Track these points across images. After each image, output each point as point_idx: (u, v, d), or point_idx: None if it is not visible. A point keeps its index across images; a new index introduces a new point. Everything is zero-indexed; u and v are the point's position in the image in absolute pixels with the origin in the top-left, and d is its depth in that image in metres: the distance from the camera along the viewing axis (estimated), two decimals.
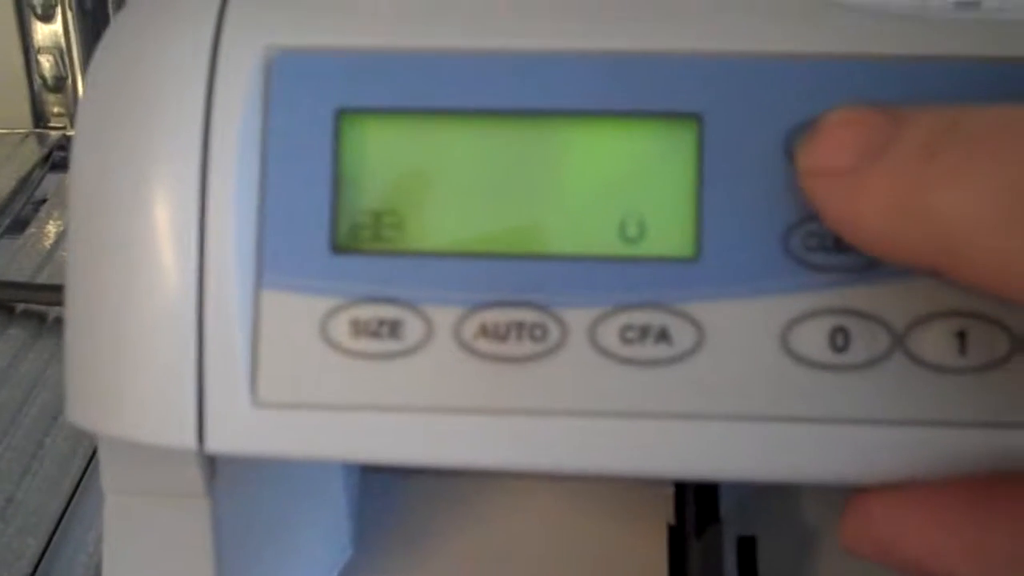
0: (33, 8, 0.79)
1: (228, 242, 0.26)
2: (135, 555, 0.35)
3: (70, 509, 0.51)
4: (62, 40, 0.80)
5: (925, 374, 0.26)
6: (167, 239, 0.26)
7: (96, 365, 0.27)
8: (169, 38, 0.27)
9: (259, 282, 0.26)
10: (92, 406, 0.27)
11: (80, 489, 0.51)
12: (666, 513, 0.41)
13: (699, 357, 0.26)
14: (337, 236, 0.26)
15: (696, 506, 0.39)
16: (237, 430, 0.26)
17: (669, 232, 0.26)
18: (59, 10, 0.80)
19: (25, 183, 0.76)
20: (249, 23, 0.27)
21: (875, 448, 0.26)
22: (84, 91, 0.28)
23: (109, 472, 0.33)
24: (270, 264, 0.26)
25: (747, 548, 0.41)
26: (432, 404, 0.26)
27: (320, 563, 0.40)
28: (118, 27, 0.29)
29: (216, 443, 0.26)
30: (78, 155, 0.28)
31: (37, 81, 0.82)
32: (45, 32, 0.80)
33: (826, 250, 0.26)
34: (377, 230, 0.26)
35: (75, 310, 0.28)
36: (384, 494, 0.42)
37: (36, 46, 0.81)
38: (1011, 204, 0.21)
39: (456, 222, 0.26)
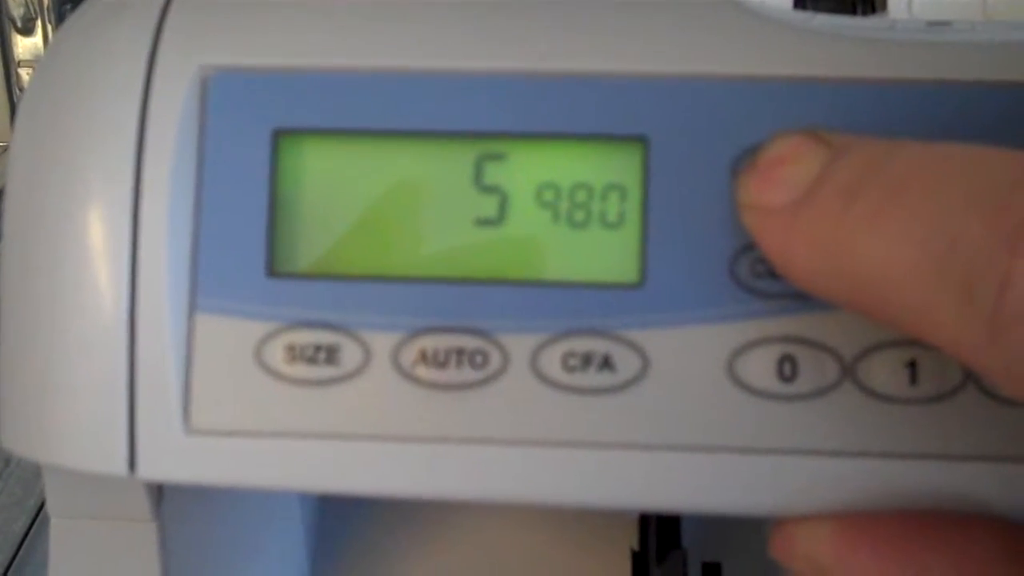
0: (13, 22, 0.79)
1: (161, 264, 0.25)
2: None
3: (34, 528, 0.50)
4: (42, 53, 0.79)
5: (875, 404, 0.25)
6: (99, 261, 0.26)
7: (26, 389, 0.26)
8: (105, 57, 0.26)
9: (193, 305, 0.26)
10: (23, 431, 0.27)
11: (44, 509, 0.51)
12: (629, 538, 0.40)
13: (643, 385, 0.25)
14: (273, 260, 0.26)
15: (658, 532, 0.38)
16: (169, 457, 0.26)
17: (613, 257, 0.26)
18: (39, 23, 0.79)
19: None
20: (185, 42, 0.26)
21: (823, 479, 0.25)
22: (20, 109, 0.28)
23: (53, 495, 0.33)
24: (204, 287, 0.26)
25: (711, 574, 0.40)
26: (370, 432, 0.25)
27: None
28: (56, 46, 0.28)
29: (148, 470, 0.26)
30: (12, 173, 0.27)
31: (17, 94, 0.81)
32: (25, 45, 0.80)
33: (773, 277, 0.25)
34: (314, 254, 0.26)
35: (6, 332, 0.27)
36: (343, 519, 0.41)
37: (16, 59, 0.81)
38: (927, 254, 0.21)
39: (395, 246, 0.26)
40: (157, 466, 0.26)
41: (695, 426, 0.25)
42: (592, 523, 0.41)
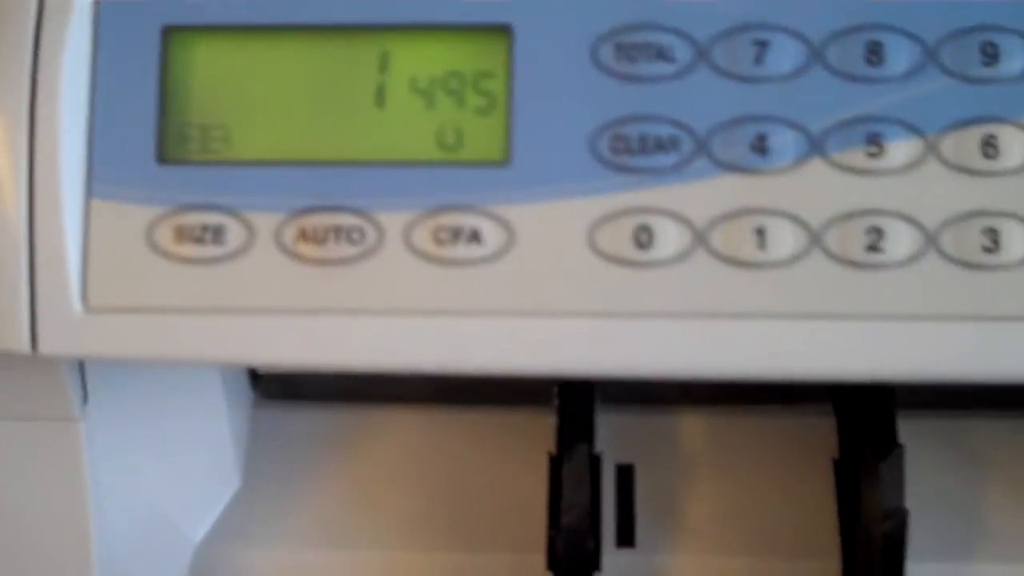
0: None
1: (57, 154, 0.27)
2: (11, 479, 0.36)
3: None
4: None
5: (727, 269, 0.27)
6: None
7: None
8: None
9: (88, 192, 0.27)
10: None
11: None
12: (548, 443, 0.42)
13: (510, 256, 0.27)
14: (163, 147, 0.28)
15: (570, 433, 0.39)
16: (68, 334, 0.27)
17: (483, 138, 0.27)
18: None
19: None
20: None
21: (678, 341, 0.27)
22: None
23: None
24: (98, 174, 0.27)
25: (625, 477, 0.42)
26: (255, 305, 0.27)
27: (207, 492, 0.41)
28: None
29: (48, 346, 0.27)
30: None
31: None
32: None
33: (631, 152, 0.27)
34: (202, 141, 0.27)
35: None
36: (273, 427, 0.43)
37: None
38: None
39: (278, 132, 0.27)
40: (57, 343, 0.27)
41: (559, 293, 0.27)
42: (510, 426, 0.43)
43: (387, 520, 0.41)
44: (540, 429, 0.41)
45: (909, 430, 0.39)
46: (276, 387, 0.43)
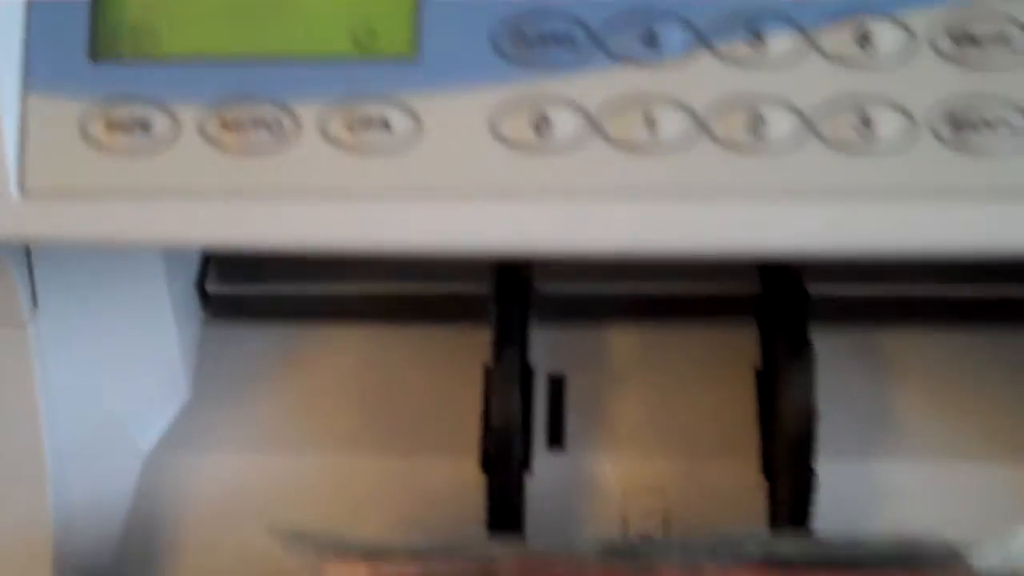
0: None
1: None
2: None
3: None
4: None
5: (620, 153, 0.29)
6: None
7: None
8: None
9: (25, 86, 0.29)
10: None
11: None
12: (484, 357, 0.43)
13: (417, 143, 0.29)
14: (95, 45, 0.30)
15: (503, 343, 0.41)
16: (8, 218, 0.29)
17: (393, 34, 0.29)
18: None
19: None
20: None
21: (575, 220, 0.29)
22: None
23: None
24: (34, 70, 0.29)
25: (556, 385, 0.44)
26: (182, 190, 0.29)
27: (156, 404, 0.43)
28: None
29: None
30: None
31: None
32: None
33: (530, 46, 0.29)
34: (132, 38, 0.29)
35: None
36: (221, 345, 0.45)
37: None
38: None
39: (202, 30, 0.29)
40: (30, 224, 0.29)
41: (464, 176, 0.29)
42: (451, 343, 0.45)
43: (330, 428, 0.43)
44: (478, 344, 0.43)
45: (828, 343, 0.41)
46: (225, 307, 0.45)
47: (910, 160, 0.28)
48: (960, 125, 0.28)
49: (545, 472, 0.42)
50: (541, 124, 0.29)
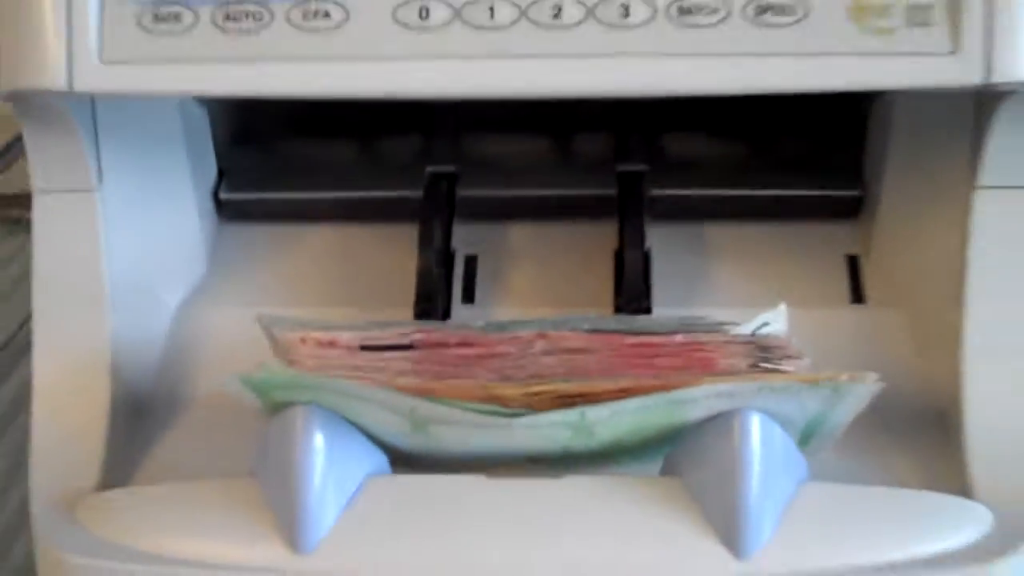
0: None
1: None
2: (56, 244, 0.54)
3: None
4: None
5: (487, 33, 0.46)
6: None
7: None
8: None
9: None
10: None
11: None
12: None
13: (348, 25, 0.46)
14: None
15: (429, 233, 0.58)
16: (94, 79, 0.46)
17: None
18: None
19: None
20: None
21: (460, 75, 0.45)
22: None
23: (34, 175, 0.53)
24: None
25: (471, 263, 0.60)
26: (200, 58, 0.46)
27: (180, 273, 0.59)
28: None
29: (79, 86, 0.46)
30: None
31: None
32: None
33: None
34: None
35: None
36: (231, 239, 0.62)
37: None
38: None
39: None
40: (85, 84, 0.46)
41: (379, 46, 0.46)
42: (394, 235, 0.61)
43: (309, 291, 0.59)
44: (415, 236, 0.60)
45: (663, 234, 0.58)
46: (232, 211, 0.62)
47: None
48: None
49: (459, 318, 0.58)
50: (423, 12, 0.46)
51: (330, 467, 0.46)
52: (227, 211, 0.61)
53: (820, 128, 0.60)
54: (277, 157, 0.62)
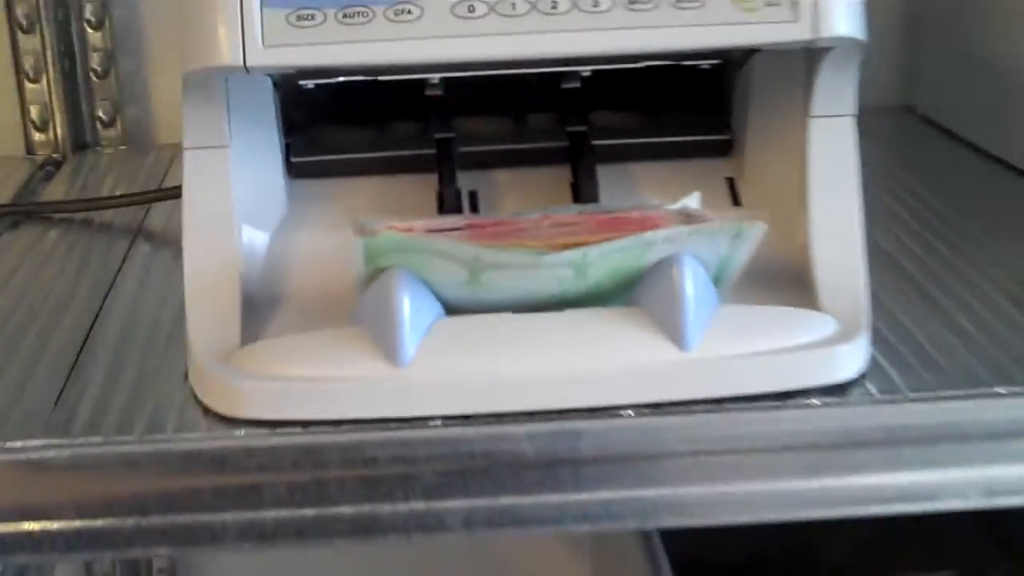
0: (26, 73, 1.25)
1: None
2: (202, 187, 0.79)
3: None
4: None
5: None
6: None
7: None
8: None
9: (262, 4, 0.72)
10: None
11: None
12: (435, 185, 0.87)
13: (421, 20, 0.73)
14: None
15: (445, 179, 0.85)
16: (263, 58, 0.72)
17: None
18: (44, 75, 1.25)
19: None
20: None
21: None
22: None
23: (186, 136, 0.78)
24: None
25: (473, 196, 0.87)
26: (334, 41, 0.72)
27: (271, 211, 0.84)
28: None
29: (255, 60, 0.72)
30: None
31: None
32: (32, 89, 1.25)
33: None
34: None
35: None
36: (298, 189, 0.87)
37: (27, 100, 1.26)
38: None
39: None
40: (254, 61, 0.72)
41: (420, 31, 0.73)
42: (421, 182, 0.88)
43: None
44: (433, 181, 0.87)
45: (599, 172, 0.86)
46: (299, 171, 0.88)
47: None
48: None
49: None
50: (470, 8, 0.73)
51: (413, 308, 0.71)
52: (295, 170, 0.86)
53: (701, 96, 0.89)
54: (325, 134, 0.88)
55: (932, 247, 0.95)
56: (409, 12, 0.71)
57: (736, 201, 0.83)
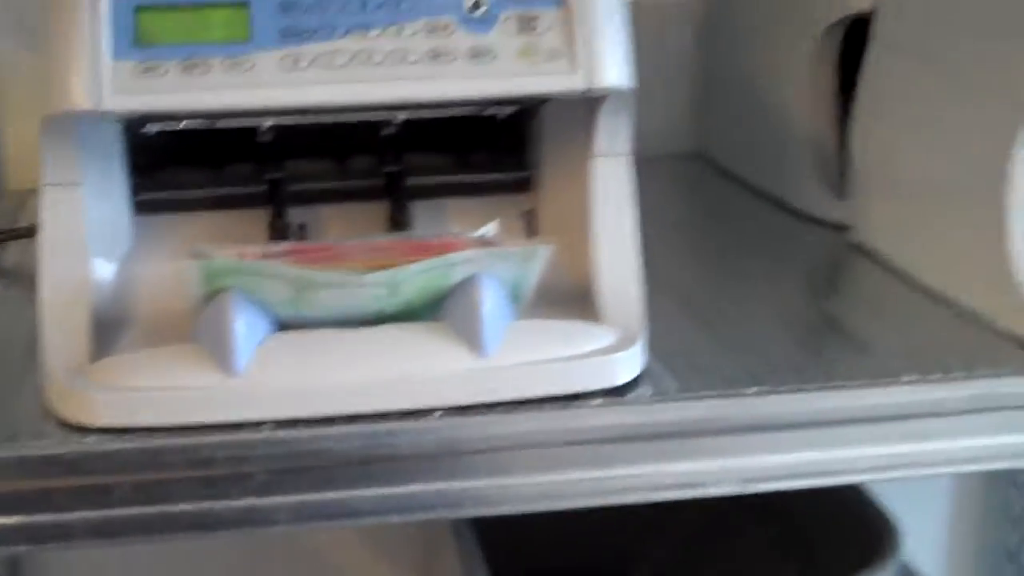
0: None
1: None
2: (58, 221, 0.88)
3: None
4: None
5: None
6: None
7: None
8: None
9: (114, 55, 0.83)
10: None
11: None
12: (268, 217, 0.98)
13: (254, 71, 0.84)
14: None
15: (278, 213, 0.96)
16: (110, 103, 0.82)
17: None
18: None
19: None
20: None
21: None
22: None
23: (44, 174, 0.88)
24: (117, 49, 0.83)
25: (303, 228, 0.98)
26: (176, 90, 0.83)
27: (115, 243, 0.94)
28: None
29: (109, 104, 0.81)
30: None
31: None
32: None
33: None
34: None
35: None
36: (142, 226, 0.97)
37: None
38: None
39: None
40: (107, 106, 0.82)
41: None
42: (251, 217, 0.99)
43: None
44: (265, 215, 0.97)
45: (425, 208, 0.98)
46: (143, 207, 0.98)
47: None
48: None
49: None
50: (294, 61, 0.84)
51: (245, 323, 0.82)
52: (142, 207, 0.96)
53: (504, 139, 1.01)
54: (169, 175, 0.98)
55: (706, 275, 1.10)
56: (242, 64, 0.82)
57: (533, 231, 0.95)
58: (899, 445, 0.88)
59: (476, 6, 0.82)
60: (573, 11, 0.84)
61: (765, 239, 1.11)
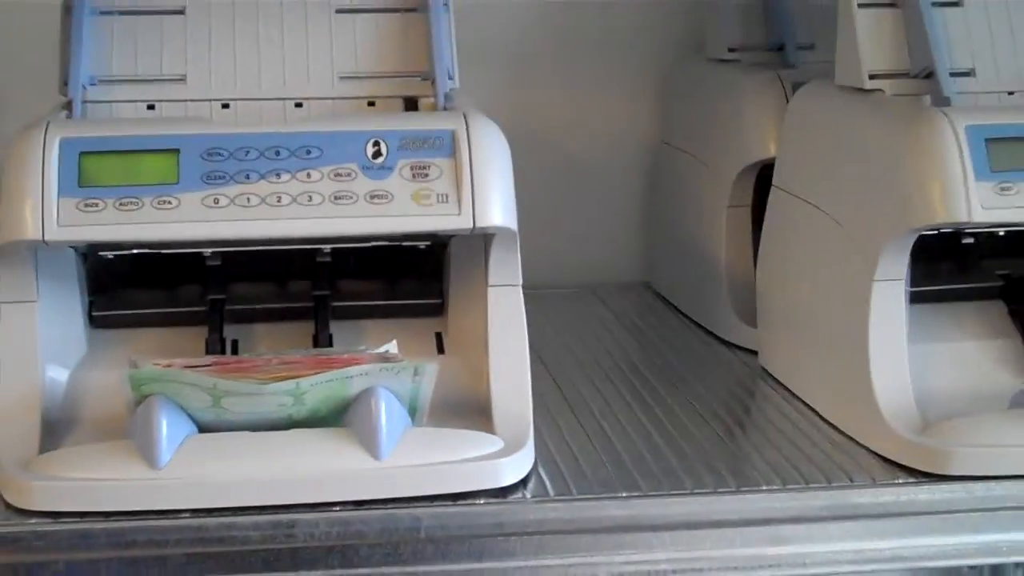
0: None
1: None
2: (14, 342, 1.02)
3: None
4: None
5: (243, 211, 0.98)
6: None
7: None
8: None
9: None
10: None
11: None
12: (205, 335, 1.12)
13: (179, 208, 0.98)
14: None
15: (214, 331, 1.09)
16: (55, 235, 0.95)
17: None
18: None
19: None
20: None
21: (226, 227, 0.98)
22: None
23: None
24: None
25: (235, 343, 1.11)
26: (112, 224, 0.96)
27: (71, 352, 1.07)
28: None
29: (51, 236, 0.95)
30: None
31: None
32: None
33: None
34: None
35: None
36: (98, 340, 1.10)
37: None
38: None
39: None
40: (51, 236, 0.95)
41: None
42: (193, 334, 1.12)
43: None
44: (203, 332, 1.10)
45: (349, 328, 1.11)
46: (99, 322, 1.11)
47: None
48: None
49: None
50: (215, 200, 0.98)
51: (168, 424, 0.95)
52: (97, 321, 1.09)
53: (422, 269, 1.14)
54: (123, 294, 1.11)
55: (620, 394, 1.21)
56: (169, 202, 0.96)
57: (441, 350, 1.08)
58: (762, 548, 0.97)
59: (377, 155, 0.95)
60: (462, 161, 0.96)
61: (685, 363, 1.23)
